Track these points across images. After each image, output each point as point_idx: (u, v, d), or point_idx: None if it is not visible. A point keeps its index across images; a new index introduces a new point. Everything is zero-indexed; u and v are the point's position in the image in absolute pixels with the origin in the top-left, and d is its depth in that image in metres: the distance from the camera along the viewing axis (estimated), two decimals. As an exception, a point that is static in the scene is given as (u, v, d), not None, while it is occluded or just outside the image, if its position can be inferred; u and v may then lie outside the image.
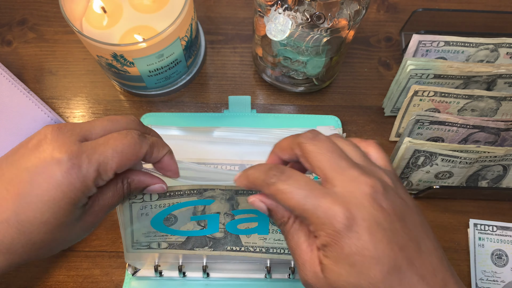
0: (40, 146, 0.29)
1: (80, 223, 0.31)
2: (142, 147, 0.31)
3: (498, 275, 0.45)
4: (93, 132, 0.31)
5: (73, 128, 0.30)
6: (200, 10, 0.56)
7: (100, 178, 0.29)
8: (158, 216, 0.38)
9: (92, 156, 0.29)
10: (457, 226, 0.48)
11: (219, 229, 0.40)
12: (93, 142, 0.30)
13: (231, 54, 0.55)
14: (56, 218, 0.28)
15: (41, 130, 0.30)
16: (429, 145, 0.43)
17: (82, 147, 0.29)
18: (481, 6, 0.57)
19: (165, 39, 0.42)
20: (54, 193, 0.28)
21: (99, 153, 0.29)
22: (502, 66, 0.45)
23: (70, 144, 0.29)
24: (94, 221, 0.32)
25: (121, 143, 0.30)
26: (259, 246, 0.40)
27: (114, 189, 0.32)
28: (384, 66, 0.54)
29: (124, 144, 0.30)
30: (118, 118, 0.32)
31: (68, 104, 0.52)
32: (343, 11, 0.39)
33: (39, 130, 0.31)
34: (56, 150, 0.28)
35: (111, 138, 0.30)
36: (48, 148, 0.28)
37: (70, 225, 0.30)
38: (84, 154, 0.29)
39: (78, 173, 0.28)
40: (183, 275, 0.44)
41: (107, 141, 0.30)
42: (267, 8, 0.40)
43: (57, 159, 0.28)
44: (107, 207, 0.32)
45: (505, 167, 0.46)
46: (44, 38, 0.55)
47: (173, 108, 0.52)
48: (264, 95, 0.53)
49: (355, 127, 0.52)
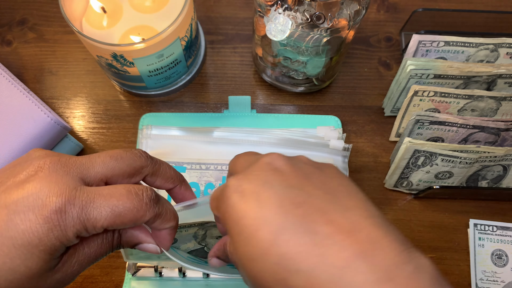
0: (29, 182, 0.25)
1: (56, 275, 0.26)
2: (145, 215, 0.26)
3: (498, 275, 0.45)
4: (92, 171, 0.27)
5: (71, 164, 0.26)
6: (200, 10, 0.56)
7: (85, 232, 0.25)
8: None
9: (86, 208, 0.25)
10: (457, 226, 0.48)
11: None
12: (93, 191, 0.26)
13: (231, 54, 0.54)
14: (27, 266, 0.24)
15: (35, 161, 0.26)
16: (429, 145, 0.43)
17: (77, 192, 0.25)
18: (481, 6, 0.57)
19: (165, 39, 0.42)
20: (30, 237, 0.24)
21: (94, 207, 0.25)
22: (502, 66, 0.45)
23: (64, 186, 0.25)
24: (74, 273, 0.27)
25: (123, 204, 0.25)
26: None
27: (101, 239, 0.28)
28: (384, 66, 0.54)
29: (125, 208, 0.26)
30: (122, 154, 0.28)
31: (68, 104, 0.52)
32: (343, 11, 0.39)
33: (32, 159, 0.27)
34: (45, 189, 0.25)
35: (115, 195, 0.26)
36: (37, 186, 0.25)
37: (42, 276, 0.26)
38: (77, 201, 0.25)
39: (60, 221, 0.24)
40: (183, 275, 0.44)
41: (109, 197, 0.26)
42: (267, 8, 0.40)
43: (43, 200, 0.24)
44: (92, 258, 0.28)
45: (505, 167, 0.46)
46: (44, 38, 0.55)
47: (173, 108, 0.52)
48: (264, 95, 0.53)
49: (355, 127, 0.52)
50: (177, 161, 0.47)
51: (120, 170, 0.28)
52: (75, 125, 0.51)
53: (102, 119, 0.51)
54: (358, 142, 0.51)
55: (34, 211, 0.24)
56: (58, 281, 0.27)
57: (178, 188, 0.32)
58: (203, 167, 0.46)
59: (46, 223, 0.24)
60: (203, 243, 0.37)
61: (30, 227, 0.24)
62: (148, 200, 0.26)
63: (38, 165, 0.26)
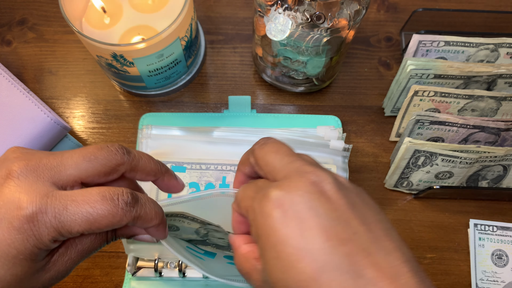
0: (5, 186, 0.24)
1: (47, 274, 0.26)
2: (122, 220, 0.25)
3: (498, 275, 0.45)
4: (65, 174, 0.26)
5: (42, 168, 0.25)
6: (200, 10, 0.56)
7: (61, 237, 0.25)
8: None
9: (59, 215, 0.24)
10: (457, 226, 0.48)
11: (215, 257, 0.39)
12: (65, 197, 0.25)
13: (231, 54, 0.54)
14: (13, 274, 0.24)
15: (7, 165, 0.25)
16: (429, 145, 0.43)
17: (49, 199, 0.24)
18: (481, 6, 0.57)
19: (165, 39, 0.42)
20: (7, 249, 0.24)
21: (68, 214, 0.24)
22: (502, 66, 0.45)
23: (35, 193, 0.24)
24: (68, 268, 0.27)
25: (97, 211, 0.24)
26: None
27: (94, 235, 0.27)
28: (384, 66, 0.54)
29: (100, 214, 0.24)
30: (96, 154, 0.27)
31: (68, 104, 0.52)
32: (343, 11, 0.39)
33: (5, 161, 0.26)
34: (16, 198, 0.24)
35: (88, 202, 0.25)
36: (7, 196, 0.24)
37: (32, 278, 0.26)
38: (49, 208, 0.24)
39: (34, 230, 0.24)
40: (183, 275, 0.44)
41: (83, 203, 0.24)
42: (267, 8, 0.40)
43: (14, 211, 0.24)
44: (85, 253, 0.27)
45: (505, 167, 0.46)
46: (44, 38, 0.55)
47: (173, 108, 0.52)
48: (264, 95, 0.53)
49: (355, 127, 0.51)
50: (177, 161, 0.47)
51: (95, 171, 0.26)
52: (75, 125, 0.51)
53: (102, 119, 0.51)
54: (358, 142, 0.51)
55: (6, 222, 0.24)
56: (52, 278, 0.26)
57: (161, 180, 0.31)
58: (203, 167, 0.46)
59: (19, 234, 0.24)
60: (205, 237, 0.37)
61: (5, 239, 0.24)
62: (124, 204, 0.25)
63: (8, 171, 0.25)
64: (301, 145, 0.47)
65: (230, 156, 0.47)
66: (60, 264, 0.26)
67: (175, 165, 0.46)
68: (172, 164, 0.46)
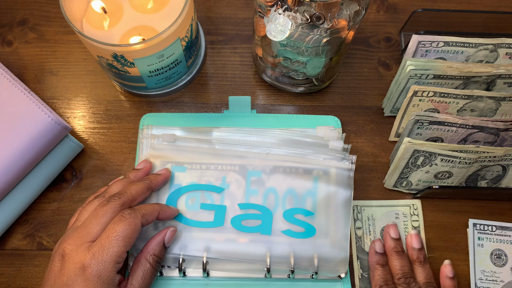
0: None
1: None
2: (138, 223, 0.38)
3: (497, 275, 0.45)
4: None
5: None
6: (200, 10, 0.57)
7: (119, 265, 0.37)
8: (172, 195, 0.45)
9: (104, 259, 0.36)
10: (457, 226, 0.48)
11: (223, 223, 0.43)
12: (97, 243, 0.36)
13: (231, 55, 0.55)
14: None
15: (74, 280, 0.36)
16: (429, 145, 0.43)
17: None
18: (480, 6, 0.57)
19: (165, 40, 0.42)
20: None
21: (109, 250, 0.36)
22: (502, 67, 0.45)
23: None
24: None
25: (122, 230, 0.37)
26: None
27: (142, 268, 0.39)
28: (383, 66, 0.54)
29: (126, 230, 0.37)
30: (100, 212, 0.38)
31: (69, 104, 0.52)
32: (343, 12, 0.40)
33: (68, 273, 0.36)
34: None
35: (112, 229, 0.37)
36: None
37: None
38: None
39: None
40: (183, 275, 0.44)
41: (109, 235, 0.36)
42: (267, 9, 0.40)
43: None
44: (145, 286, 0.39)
45: (504, 167, 0.46)
46: (44, 38, 0.55)
47: (173, 109, 0.52)
48: (264, 95, 0.53)
49: (354, 127, 0.52)
50: (177, 161, 0.47)
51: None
52: (75, 125, 0.51)
53: (103, 119, 0.52)
54: (357, 142, 0.51)
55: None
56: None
57: (163, 212, 0.42)
58: (203, 167, 0.46)
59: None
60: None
61: None
62: (128, 215, 0.38)
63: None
64: (300, 145, 0.47)
65: (230, 156, 0.47)
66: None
67: (175, 165, 0.46)
68: (172, 164, 0.46)
